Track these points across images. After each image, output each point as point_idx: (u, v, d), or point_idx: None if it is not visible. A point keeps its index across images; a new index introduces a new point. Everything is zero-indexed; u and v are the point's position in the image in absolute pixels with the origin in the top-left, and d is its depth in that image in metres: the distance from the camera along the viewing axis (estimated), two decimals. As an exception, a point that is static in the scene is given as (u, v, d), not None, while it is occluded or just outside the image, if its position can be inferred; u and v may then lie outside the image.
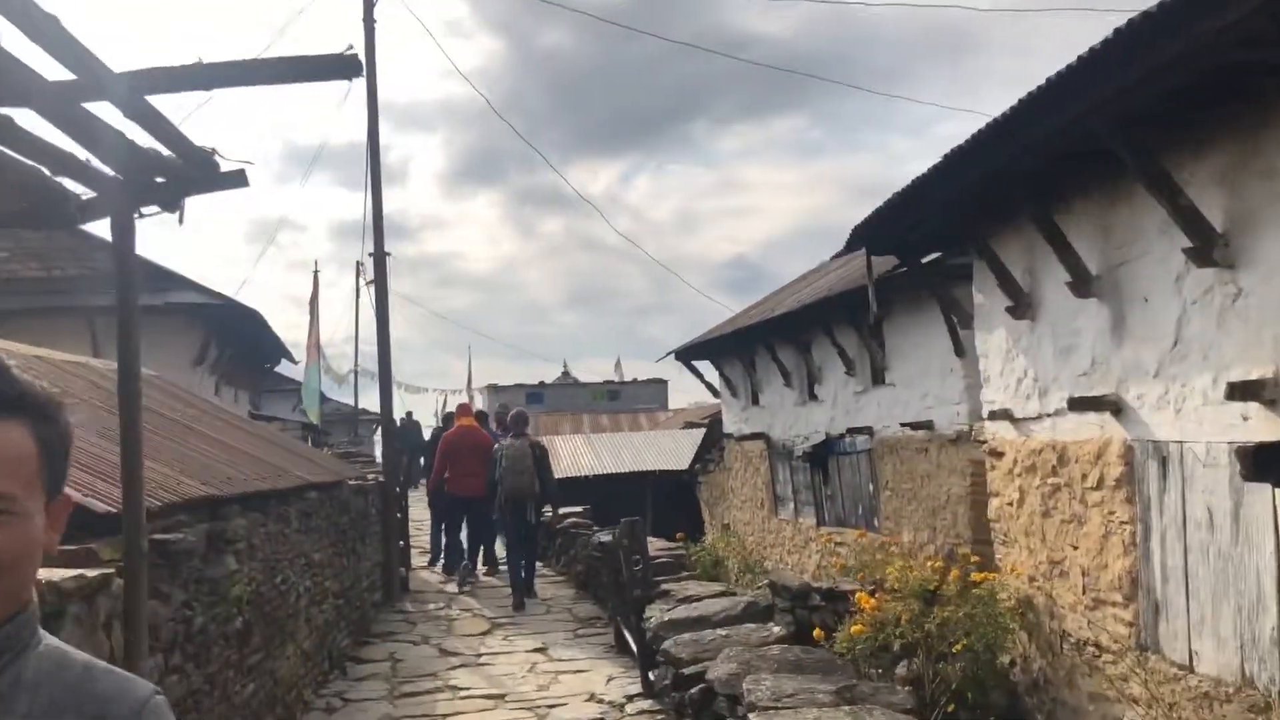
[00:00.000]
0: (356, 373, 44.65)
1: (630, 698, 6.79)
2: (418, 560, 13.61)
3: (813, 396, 12.47)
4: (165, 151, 3.37)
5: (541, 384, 52.10)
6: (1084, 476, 5.05)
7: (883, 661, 5.84)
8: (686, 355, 16.15)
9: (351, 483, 9.66)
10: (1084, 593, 5.10)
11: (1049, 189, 5.04)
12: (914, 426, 9.77)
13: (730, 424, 15.68)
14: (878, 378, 10.76)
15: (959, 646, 5.57)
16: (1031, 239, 5.43)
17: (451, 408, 14.84)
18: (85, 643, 3.26)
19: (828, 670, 3.84)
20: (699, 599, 5.98)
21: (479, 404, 54.69)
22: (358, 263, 45.26)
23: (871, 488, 10.92)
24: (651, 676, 6.58)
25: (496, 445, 10.94)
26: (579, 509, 14.26)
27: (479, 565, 12.36)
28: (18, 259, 13.31)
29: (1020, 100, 4.22)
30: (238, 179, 3.50)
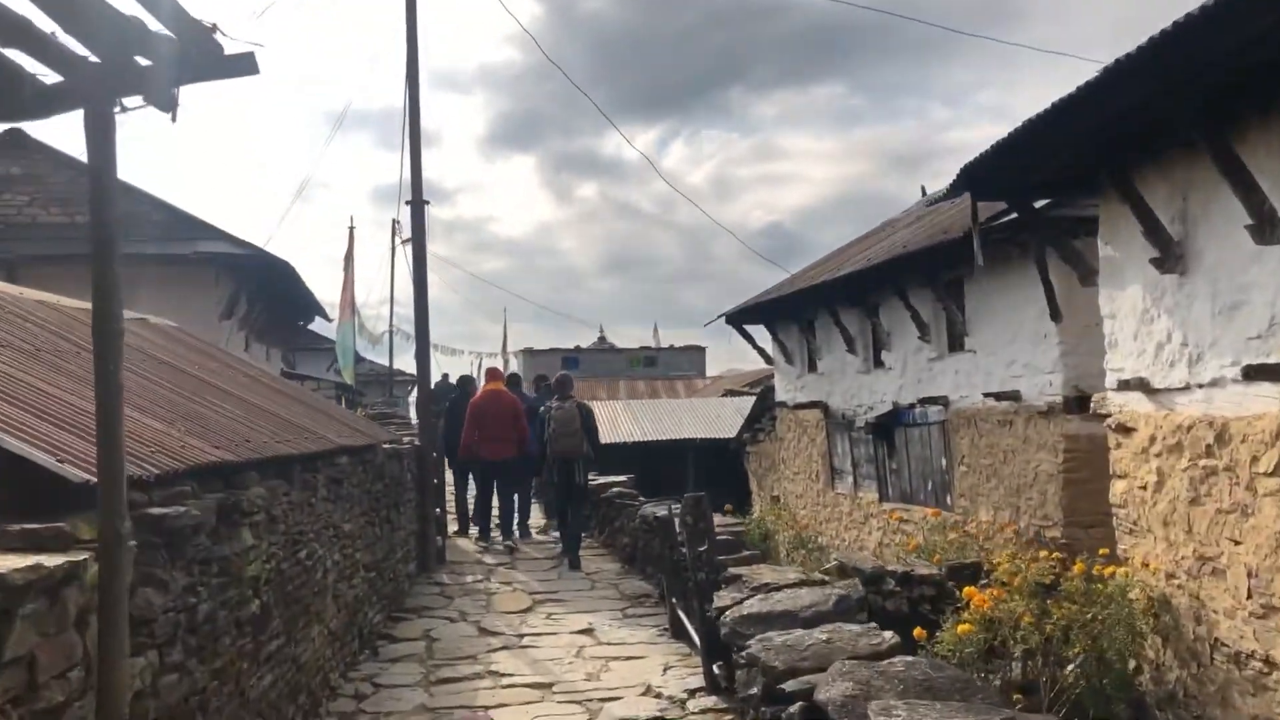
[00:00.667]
0: (392, 333, 44.27)
1: (692, 692, 6.11)
2: (453, 528, 13.04)
3: (878, 363, 11.64)
4: (154, 25, 2.64)
5: (577, 349, 51.58)
6: (1254, 459, 4.24)
7: (992, 665, 5.10)
8: (738, 319, 15.35)
9: (386, 446, 9.03)
10: (1248, 596, 4.30)
11: (1223, 114, 4.19)
12: (997, 397, 8.95)
13: (784, 392, 14.89)
14: (955, 343, 9.92)
15: (1078, 649, 4.81)
16: (1187, 178, 4.59)
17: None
18: (48, 647, 2.59)
19: (965, 692, 3.11)
20: (776, 587, 5.25)
21: (514, 368, 54.42)
22: (394, 221, 44.77)
23: (944, 462, 10.11)
24: (716, 670, 5.89)
25: (544, 407, 11.07)
26: (623, 478, 13.61)
27: (513, 533, 12.17)
28: (39, 203, 12.78)
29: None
30: (245, 64, 2.76)
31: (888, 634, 3.96)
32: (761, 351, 15.62)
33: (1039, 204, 6.65)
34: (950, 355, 9.98)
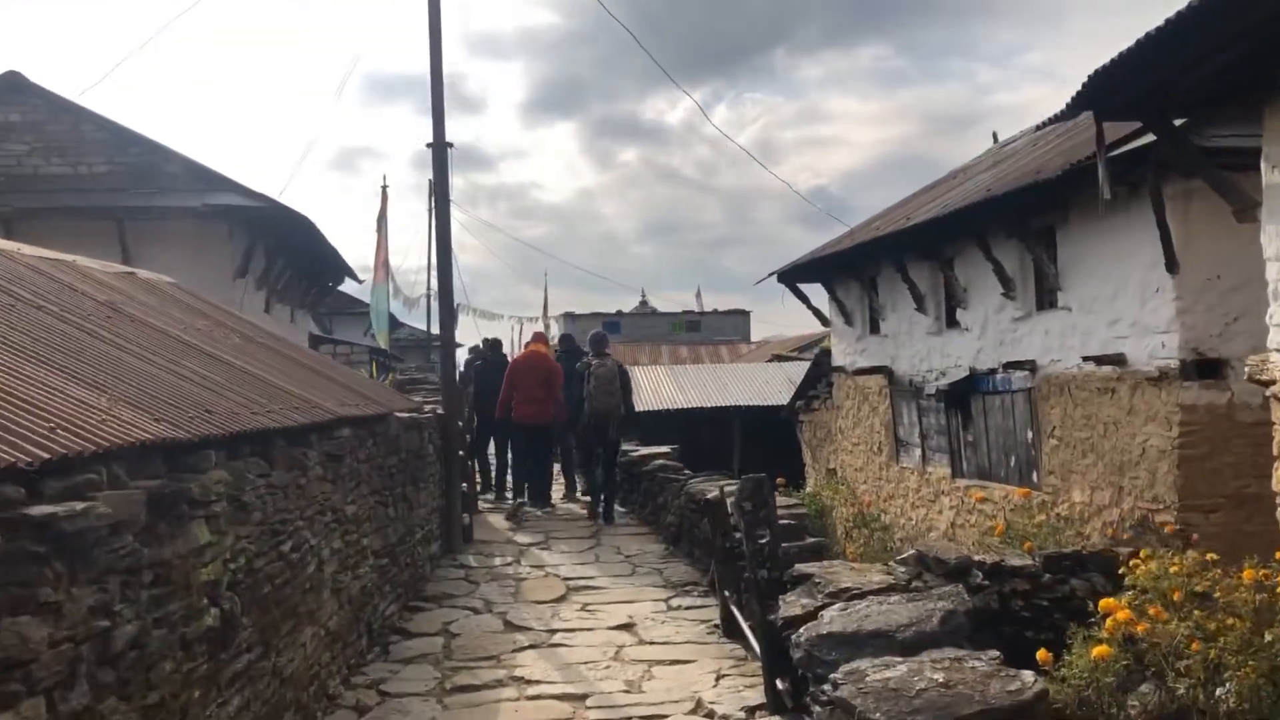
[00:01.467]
0: (429, 297, 43.80)
1: (750, 710, 5.23)
2: (482, 503, 12.29)
3: (952, 324, 10.59)
4: None
5: (619, 313, 50.93)
6: None
7: (1129, 689, 4.12)
8: (792, 277, 14.29)
9: (403, 415, 8.20)
10: None
11: None
12: (1098, 361, 7.88)
13: (842, 356, 13.86)
14: (1045, 300, 8.85)
15: (1246, 672, 3.82)
16: None
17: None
18: None
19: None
20: (859, 594, 4.33)
21: (554, 332, 53.83)
22: (429, 180, 44.22)
23: (1030, 435, 9.07)
24: (780, 685, 4.98)
25: (581, 363, 11.09)
26: (666, 449, 12.73)
27: (551, 498, 12.11)
28: (39, 153, 12.06)
29: None
30: None
31: (1027, 675, 3.01)
32: (817, 312, 14.57)
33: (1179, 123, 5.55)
34: (1039, 314, 8.91)
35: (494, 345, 13.67)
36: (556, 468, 13.57)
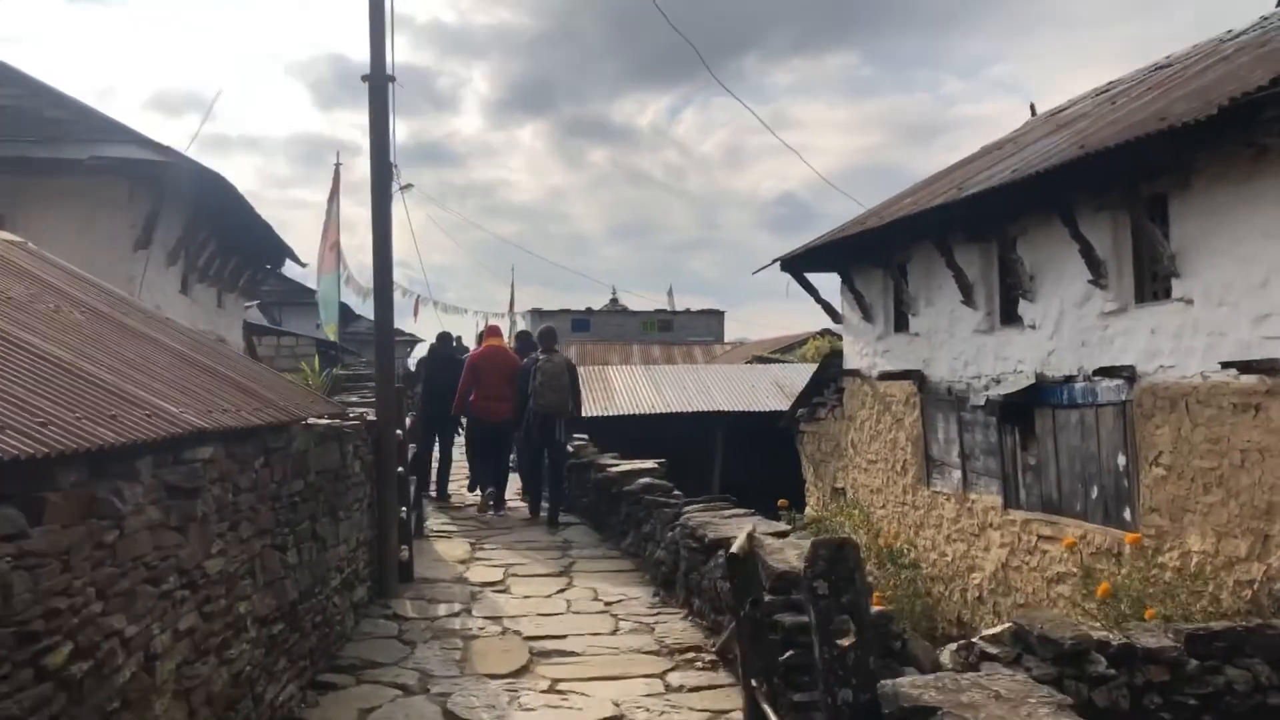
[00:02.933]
0: (390, 288, 41.83)
1: None
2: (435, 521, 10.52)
3: (1009, 319, 8.86)
4: None
5: (589, 311, 49.64)
6: None
7: None
8: (798, 264, 12.49)
9: (319, 423, 6.31)
10: None
11: None
12: (1241, 368, 6.14)
13: (857, 357, 12.09)
14: (1151, 289, 7.12)
15: None
16: None
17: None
18: None
19: None
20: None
21: (521, 327, 52.00)
22: (393, 164, 42.07)
23: (1123, 461, 7.33)
24: None
25: (529, 358, 10.90)
26: (651, 464, 10.90)
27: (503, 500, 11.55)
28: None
29: None
30: None
31: None
32: (827, 307, 12.80)
33: None
34: (1141, 306, 7.19)
35: (444, 339, 12.75)
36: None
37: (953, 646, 5.21)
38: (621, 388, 22.16)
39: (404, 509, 8.31)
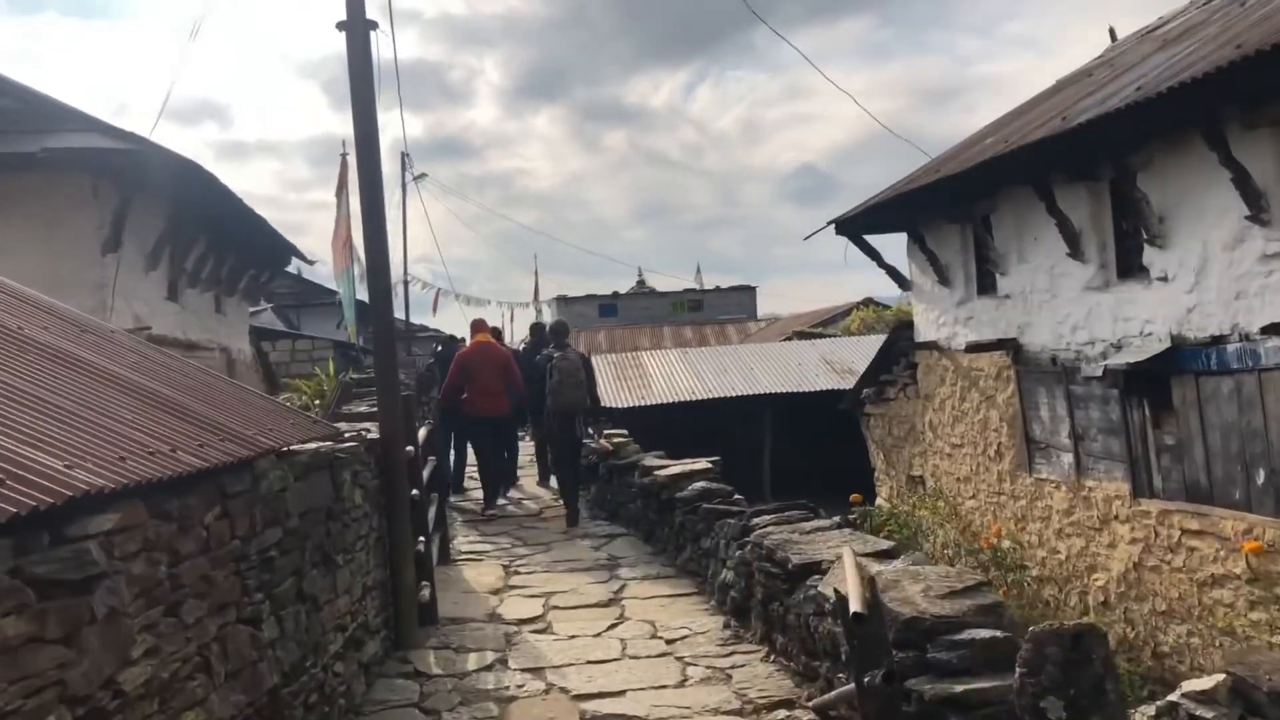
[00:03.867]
0: (407, 282, 40.98)
1: None
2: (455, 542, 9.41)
3: (1130, 271, 7.50)
4: None
5: (615, 294, 48.55)
6: None
7: None
8: (856, 225, 11.14)
9: (304, 449, 5.13)
10: None
11: None
12: None
13: (932, 328, 10.76)
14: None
15: None
16: None
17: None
18: None
19: None
20: None
21: (546, 317, 51.13)
22: (403, 154, 40.95)
23: (1302, 438, 5.98)
24: None
25: (542, 355, 10.93)
26: (703, 464, 9.68)
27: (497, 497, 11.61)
28: None
29: None
30: None
31: None
32: (893, 272, 11.46)
33: None
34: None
35: (449, 342, 13.20)
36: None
37: (1150, 710, 3.97)
38: (658, 374, 20.90)
39: (421, 539, 7.11)
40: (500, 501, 11.56)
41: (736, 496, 8.69)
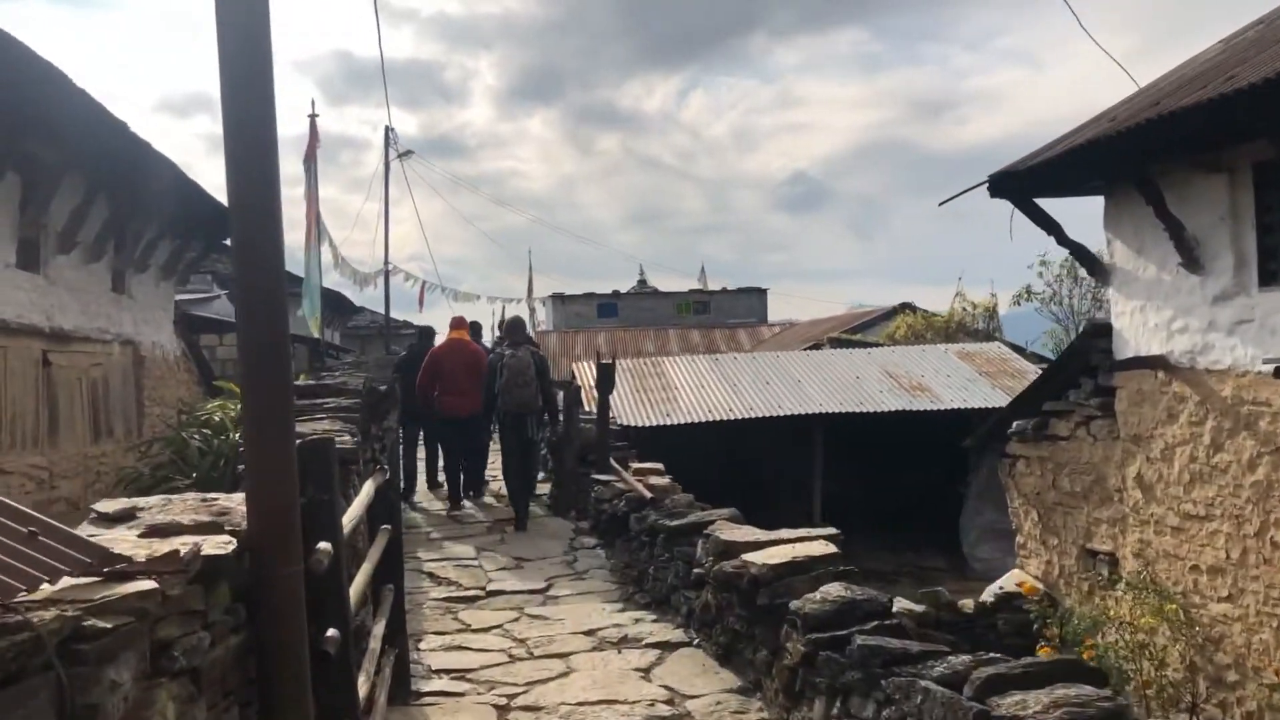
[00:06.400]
0: (388, 272, 37.59)
1: None
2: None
3: None
4: None
5: (615, 294, 45.64)
6: None
7: None
8: (1024, 183, 7.69)
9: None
10: None
11: None
12: None
13: (1154, 336, 7.31)
14: None
15: None
16: None
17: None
18: None
19: None
20: None
21: (541, 316, 47.99)
22: (387, 128, 37.42)
23: None
24: None
25: (493, 355, 11.01)
26: (821, 543, 6.37)
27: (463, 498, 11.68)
28: None
29: None
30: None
31: None
32: (1079, 252, 8.02)
33: None
34: None
35: (424, 334, 13.28)
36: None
37: None
38: (685, 384, 17.39)
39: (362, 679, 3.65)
40: (467, 506, 11.48)
41: (903, 610, 5.28)
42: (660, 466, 10.41)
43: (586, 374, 17.45)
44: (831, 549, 6.01)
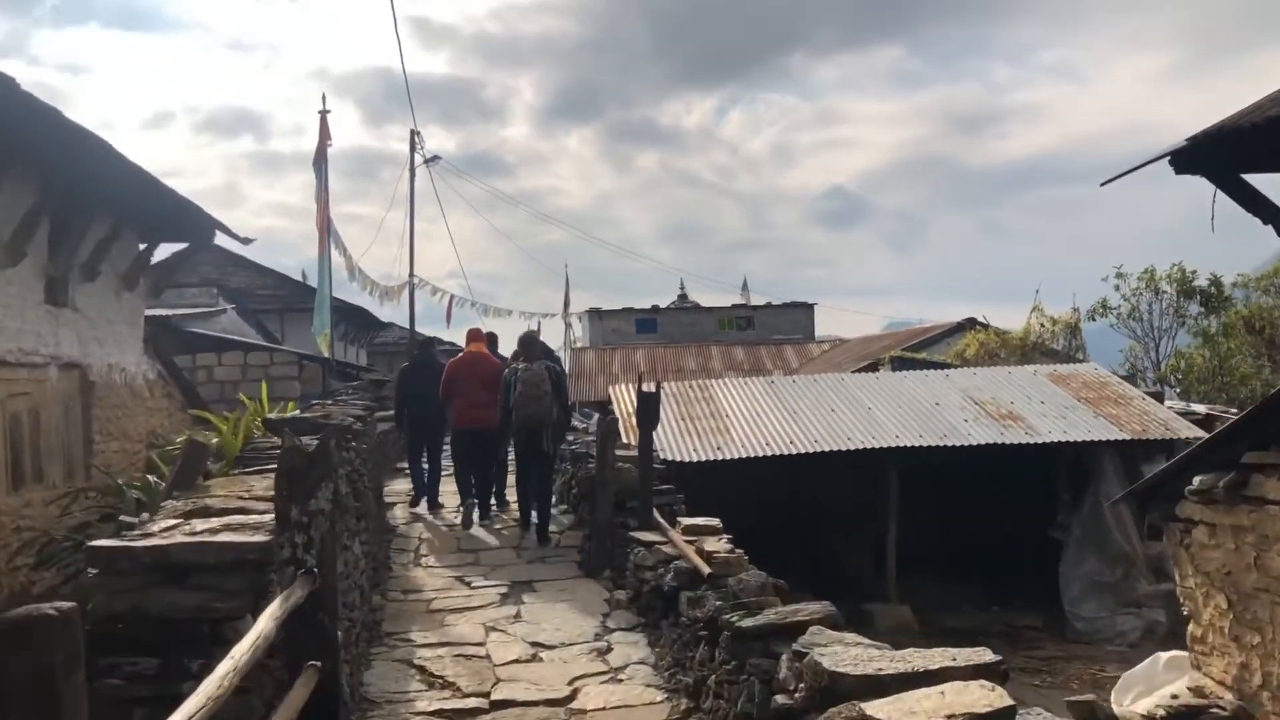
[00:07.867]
0: (413, 285, 35.93)
1: None
2: None
3: None
4: None
5: (655, 309, 44.00)
6: None
7: None
8: (1229, 153, 5.60)
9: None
10: None
11: None
12: None
13: None
14: None
15: None
16: None
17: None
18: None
19: None
20: None
21: (577, 332, 46.30)
22: (412, 131, 35.71)
23: None
24: None
25: (509, 369, 10.92)
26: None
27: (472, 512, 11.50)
28: None
29: None
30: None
31: None
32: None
33: None
34: None
35: (424, 344, 14.08)
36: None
37: None
38: (737, 410, 15.27)
39: None
40: (480, 523, 11.37)
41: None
42: (717, 523, 8.35)
43: (625, 400, 15.41)
44: (1000, 699, 3.94)
